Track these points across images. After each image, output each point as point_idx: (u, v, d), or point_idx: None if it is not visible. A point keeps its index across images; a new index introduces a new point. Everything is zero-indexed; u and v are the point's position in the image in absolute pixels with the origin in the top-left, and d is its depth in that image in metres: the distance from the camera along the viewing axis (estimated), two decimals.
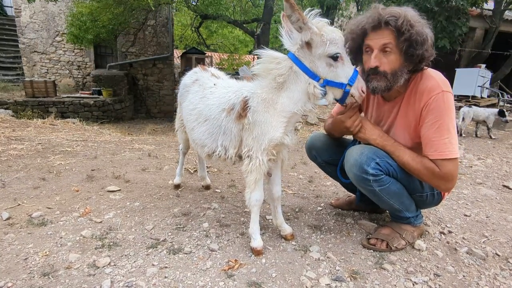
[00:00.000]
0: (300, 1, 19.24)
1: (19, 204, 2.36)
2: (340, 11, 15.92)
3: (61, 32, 12.92)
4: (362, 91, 1.64)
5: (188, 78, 2.38)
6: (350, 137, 2.09)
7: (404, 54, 1.65)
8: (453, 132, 1.66)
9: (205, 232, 2.06)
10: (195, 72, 2.38)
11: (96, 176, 3.04)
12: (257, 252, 1.82)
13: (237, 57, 23.53)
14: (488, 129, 6.51)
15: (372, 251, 1.91)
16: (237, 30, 21.58)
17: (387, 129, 1.94)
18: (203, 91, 2.13)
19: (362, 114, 2.09)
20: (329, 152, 2.23)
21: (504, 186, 3.29)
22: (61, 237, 1.93)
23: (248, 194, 1.83)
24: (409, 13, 1.62)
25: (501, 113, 6.43)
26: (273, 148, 1.75)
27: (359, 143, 1.99)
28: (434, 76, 1.72)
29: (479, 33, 12.94)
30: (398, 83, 1.72)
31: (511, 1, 11.60)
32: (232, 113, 1.83)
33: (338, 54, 1.59)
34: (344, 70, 1.63)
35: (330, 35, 1.57)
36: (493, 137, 6.36)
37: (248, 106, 1.75)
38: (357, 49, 1.80)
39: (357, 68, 1.73)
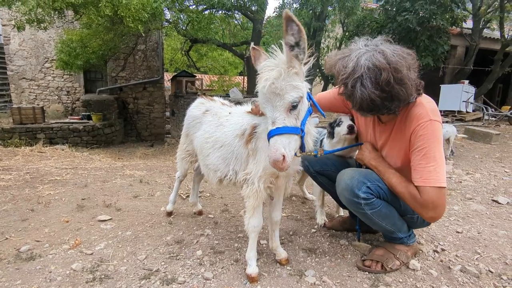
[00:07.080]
0: None
1: (7, 238, 2.30)
2: (327, 33, 16.44)
3: (50, 59, 12.93)
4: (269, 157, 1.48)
5: (196, 110, 2.38)
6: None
7: None
8: (439, 161, 1.64)
9: (198, 260, 2.03)
10: (202, 103, 2.39)
11: (86, 206, 2.99)
12: (252, 279, 1.80)
13: (227, 79, 23.84)
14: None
15: (367, 273, 1.91)
16: (226, 52, 21.99)
17: (380, 149, 1.97)
18: (219, 120, 2.15)
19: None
20: (320, 163, 2.27)
21: (493, 200, 3.33)
22: (50, 272, 1.88)
23: (247, 220, 1.83)
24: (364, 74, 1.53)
25: None
26: (270, 176, 1.76)
27: (360, 165, 2.06)
28: (424, 104, 1.71)
29: (461, 50, 13.44)
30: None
31: (488, 20, 12.16)
32: (242, 138, 1.88)
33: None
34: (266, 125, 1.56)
35: None
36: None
37: (254, 132, 1.79)
38: None
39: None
